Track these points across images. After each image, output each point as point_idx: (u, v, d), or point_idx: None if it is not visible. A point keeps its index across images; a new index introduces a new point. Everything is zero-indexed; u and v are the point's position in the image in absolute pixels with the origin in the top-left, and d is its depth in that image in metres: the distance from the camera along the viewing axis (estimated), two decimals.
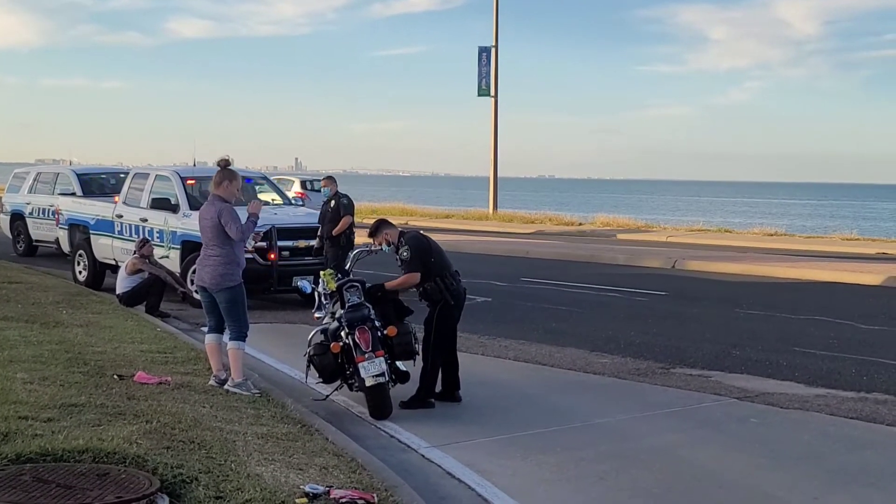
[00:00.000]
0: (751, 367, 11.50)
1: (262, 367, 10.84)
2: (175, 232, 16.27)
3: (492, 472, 7.42)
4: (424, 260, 9.48)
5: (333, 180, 16.37)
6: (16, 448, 6.34)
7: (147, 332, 12.02)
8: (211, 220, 9.24)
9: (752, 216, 71.66)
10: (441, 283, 9.48)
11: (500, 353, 12.20)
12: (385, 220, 10.12)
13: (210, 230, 9.27)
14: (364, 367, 8.86)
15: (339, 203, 15.68)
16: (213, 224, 9.22)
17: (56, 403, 7.74)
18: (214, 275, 9.27)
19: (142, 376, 9.08)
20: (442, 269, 9.56)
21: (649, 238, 32.64)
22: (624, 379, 10.88)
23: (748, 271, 22.29)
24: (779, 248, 29.21)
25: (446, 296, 9.50)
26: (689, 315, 15.72)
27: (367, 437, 8.32)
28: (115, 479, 5.91)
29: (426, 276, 9.47)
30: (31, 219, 23.84)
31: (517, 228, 36.77)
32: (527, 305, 16.40)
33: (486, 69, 44.24)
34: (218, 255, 9.26)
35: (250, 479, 6.19)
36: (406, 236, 9.70)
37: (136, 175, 18.26)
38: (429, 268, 9.48)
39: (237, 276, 9.33)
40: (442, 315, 9.54)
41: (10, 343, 10.44)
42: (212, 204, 9.34)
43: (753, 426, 8.96)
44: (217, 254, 9.27)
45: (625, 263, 24.14)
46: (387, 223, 9.96)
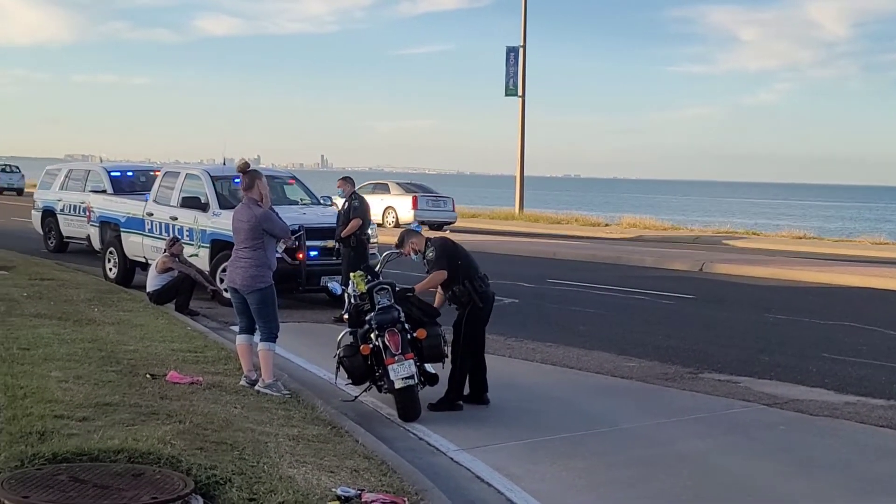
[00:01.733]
0: (780, 373, 11.47)
1: (291, 368, 10.90)
2: (205, 230, 16.38)
3: (520, 476, 7.45)
4: (451, 260, 9.55)
5: (348, 181, 16.00)
6: (52, 447, 6.43)
7: (177, 331, 12.11)
8: (247, 223, 9.31)
9: (780, 218, 71.33)
10: (469, 285, 9.53)
11: (528, 355, 12.23)
12: (410, 229, 10.19)
13: (244, 232, 9.34)
14: (393, 369, 8.91)
15: (351, 205, 15.50)
16: (248, 227, 9.29)
17: (90, 402, 7.83)
18: (245, 276, 9.34)
19: (174, 376, 9.17)
20: (470, 272, 9.61)
21: (676, 240, 32.53)
22: (651, 383, 10.88)
23: (776, 275, 22.19)
24: (807, 251, 29.09)
25: (475, 298, 9.55)
26: (716, 319, 15.69)
27: (396, 439, 8.37)
28: (149, 479, 5.98)
29: (454, 279, 9.52)
30: (63, 215, 24.03)
31: (544, 229, 36.73)
32: (554, 307, 16.41)
33: (514, 69, 44.22)
34: (249, 256, 9.34)
35: (283, 481, 6.25)
36: (432, 240, 9.82)
37: (166, 173, 18.39)
38: (456, 270, 9.53)
39: (268, 277, 9.40)
40: (471, 318, 9.57)
41: (44, 341, 10.55)
42: (247, 207, 9.40)
43: (782, 433, 8.95)
44: (249, 255, 9.34)
45: (652, 266, 24.09)
46: (412, 232, 10.05)
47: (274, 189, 17.75)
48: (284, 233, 9.62)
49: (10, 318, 11.98)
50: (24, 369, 9.00)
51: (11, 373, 8.82)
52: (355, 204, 15.48)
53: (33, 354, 9.77)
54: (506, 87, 44.57)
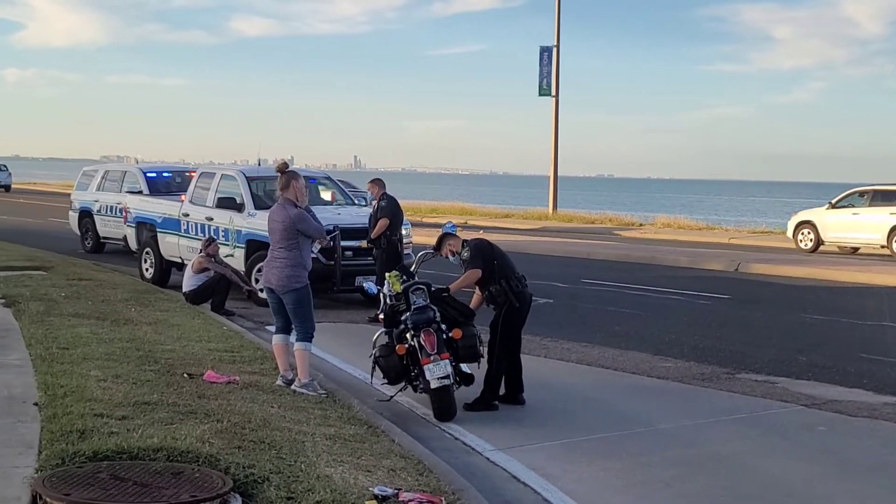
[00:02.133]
0: (817, 373, 11.39)
1: (326, 368, 10.94)
2: (240, 231, 16.47)
3: (557, 476, 7.44)
4: (486, 260, 9.56)
5: (376, 184, 15.84)
6: (93, 446, 6.48)
7: (214, 331, 12.18)
8: (282, 224, 9.35)
9: None
10: (506, 285, 9.53)
11: (563, 355, 12.20)
12: (447, 231, 10.18)
13: (279, 232, 9.39)
14: (429, 369, 8.92)
15: (379, 206, 15.45)
16: (283, 227, 9.34)
17: (130, 401, 7.89)
18: (281, 276, 9.38)
19: (211, 375, 9.22)
20: (506, 272, 9.61)
21: (711, 240, 32.35)
22: (688, 384, 10.83)
23: (813, 275, 22.02)
24: None
25: (511, 298, 9.55)
26: (753, 319, 15.59)
27: (432, 438, 8.38)
28: (189, 477, 6.02)
29: (490, 279, 9.53)
30: (99, 216, 24.24)
31: (578, 229, 36.64)
32: (589, 307, 16.38)
33: (548, 69, 44.13)
34: (285, 257, 9.38)
35: (320, 480, 6.27)
36: (469, 242, 9.85)
37: (202, 174, 18.51)
38: (492, 270, 9.54)
39: (303, 277, 9.43)
40: (507, 318, 9.57)
41: (83, 340, 10.65)
42: (283, 208, 9.44)
43: (821, 434, 8.89)
44: (284, 256, 9.38)
45: (687, 266, 23.98)
46: (449, 234, 10.06)
47: (309, 190, 17.83)
48: (319, 233, 9.66)
49: (49, 318, 12.09)
50: (64, 368, 9.08)
51: (51, 372, 8.90)
52: (382, 204, 15.46)
53: (72, 354, 9.86)
54: (539, 87, 44.49)
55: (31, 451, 6.50)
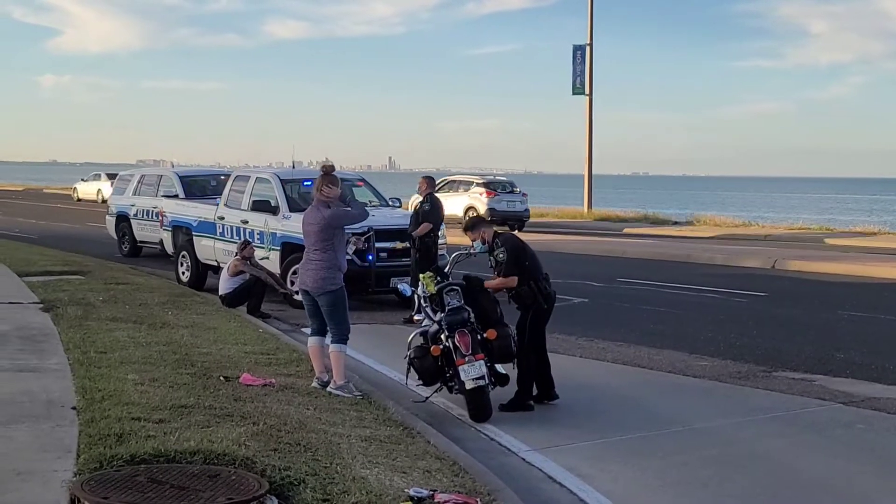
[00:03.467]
0: (856, 370, 11.29)
1: (362, 369, 10.96)
2: (275, 233, 16.54)
3: (593, 476, 7.42)
4: (520, 262, 9.50)
5: (426, 181, 15.90)
6: (130, 449, 6.54)
7: (250, 334, 12.24)
8: (317, 225, 9.39)
9: (853, 213, 70.15)
10: (535, 286, 9.49)
11: (599, 355, 12.16)
12: (482, 217, 10.18)
13: (314, 235, 9.43)
14: (464, 370, 8.92)
15: (422, 208, 15.45)
16: (318, 229, 9.38)
17: (167, 405, 7.94)
18: (316, 278, 9.42)
19: (247, 378, 9.26)
20: (536, 273, 9.58)
21: (747, 237, 32.12)
22: (724, 382, 10.77)
23: (850, 272, 21.82)
24: (882, 247, 28.58)
25: (539, 300, 9.51)
26: (789, 317, 15.48)
27: (467, 439, 8.38)
28: (225, 480, 6.06)
29: (520, 280, 9.49)
30: (136, 220, 24.40)
31: (612, 227, 36.52)
32: (624, 306, 16.31)
33: (581, 67, 44.02)
34: (320, 259, 9.41)
35: (356, 481, 6.29)
36: (502, 237, 9.74)
37: (237, 177, 18.60)
38: (523, 271, 9.49)
39: (339, 279, 9.46)
40: (535, 319, 9.55)
41: (120, 344, 10.74)
42: (317, 209, 9.48)
43: (860, 432, 8.81)
44: (319, 258, 9.42)
45: (722, 263, 23.84)
46: (484, 221, 10.00)
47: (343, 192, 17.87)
48: (362, 216, 9.81)
49: (86, 322, 12.20)
50: (102, 372, 9.16)
51: (89, 376, 8.98)
52: (426, 207, 15.38)
53: (110, 358, 9.94)
54: (573, 85, 44.39)
55: (70, 455, 6.55)
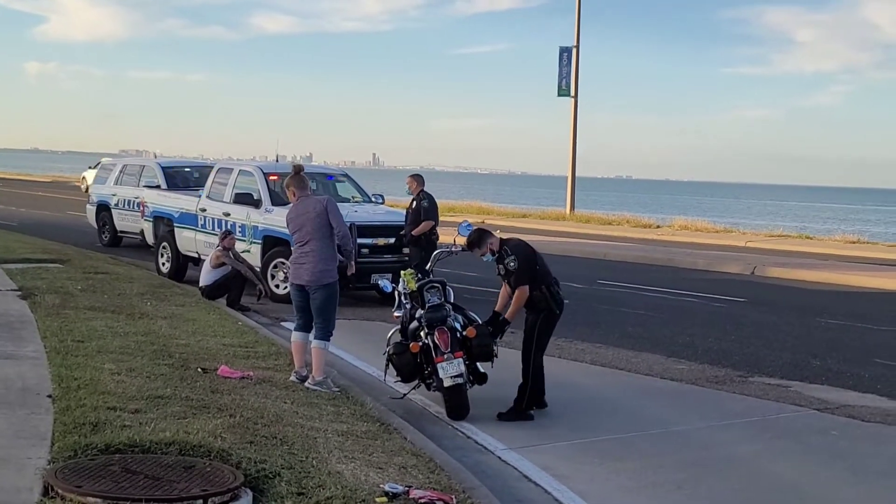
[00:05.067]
0: (831, 377, 11.35)
1: (340, 364, 10.96)
2: (257, 227, 16.51)
3: (569, 476, 7.45)
4: (531, 268, 9.23)
5: (416, 179, 16.16)
6: (105, 438, 6.52)
7: (229, 326, 12.22)
8: (315, 213, 9.35)
9: (834, 222, 70.52)
10: (547, 291, 9.16)
11: (577, 356, 12.19)
12: (484, 229, 9.75)
13: (313, 222, 9.36)
14: (443, 367, 8.93)
15: (420, 206, 15.67)
16: (317, 215, 9.34)
17: (143, 395, 7.93)
18: (314, 271, 9.33)
19: (225, 370, 9.25)
20: (547, 277, 9.28)
21: (728, 242, 32.22)
22: (702, 386, 10.82)
23: (829, 279, 21.92)
24: (861, 255, 28.69)
25: (552, 305, 9.19)
26: (767, 323, 15.54)
27: (444, 437, 8.39)
28: (200, 471, 6.05)
29: (531, 285, 9.19)
30: (117, 210, 24.32)
31: (594, 230, 36.58)
32: (604, 308, 16.35)
33: (567, 69, 44.02)
34: (317, 249, 9.34)
35: (331, 476, 6.29)
36: (510, 244, 9.41)
37: (219, 170, 18.56)
38: (534, 276, 9.20)
39: (335, 272, 9.42)
40: (545, 324, 9.27)
41: (98, 334, 10.70)
42: (308, 200, 9.48)
43: (834, 439, 8.87)
44: (315, 248, 9.34)
45: (703, 268, 23.90)
46: (487, 232, 9.62)
47: (326, 187, 17.90)
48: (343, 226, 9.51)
49: (64, 311, 12.15)
50: (78, 361, 9.13)
51: (66, 364, 8.95)
52: (424, 205, 15.61)
53: (87, 347, 9.90)
54: (558, 87, 44.37)
55: (45, 443, 6.53)
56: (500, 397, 9.29)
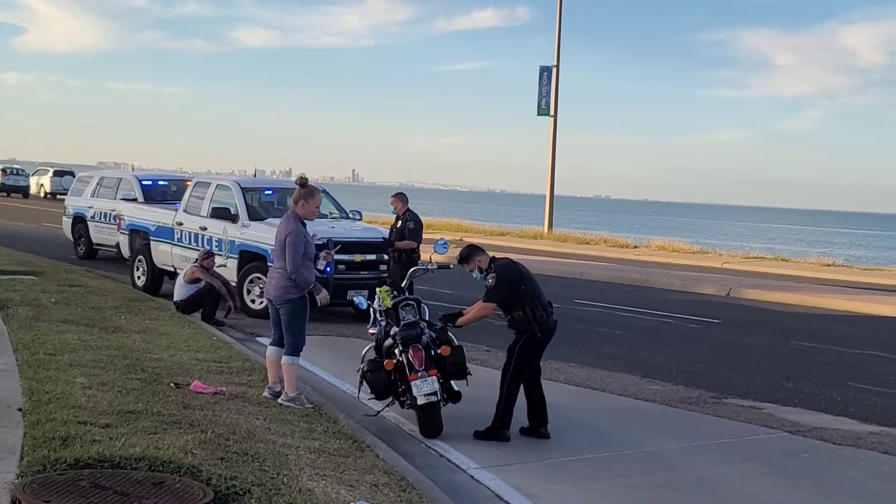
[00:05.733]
0: (804, 400, 11.41)
1: (314, 381, 10.93)
2: (233, 241, 16.47)
3: (540, 496, 7.45)
4: (512, 288, 9.15)
5: (401, 198, 16.28)
6: (74, 453, 6.47)
7: (203, 341, 12.17)
8: (282, 235, 9.35)
9: (810, 245, 70.98)
10: (530, 313, 9.10)
11: (552, 375, 12.14)
12: (476, 246, 9.70)
13: (279, 244, 9.38)
14: (416, 385, 8.92)
15: (405, 226, 15.75)
16: (282, 239, 9.33)
17: (114, 409, 7.88)
18: (278, 287, 9.37)
19: (197, 385, 9.21)
20: (532, 299, 9.18)
21: (705, 264, 32.35)
22: (675, 407, 10.84)
23: (804, 302, 22.05)
24: (836, 279, 28.86)
25: (534, 327, 9.12)
26: (742, 344, 15.61)
27: (417, 455, 8.37)
28: (170, 488, 6.01)
29: (515, 305, 9.14)
30: (93, 222, 24.21)
31: (572, 249, 36.66)
32: (579, 328, 16.36)
33: (547, 88, 44.19)
34: (283, 268, 9.35)
35: (302, 493, 6.27)
36: (497, 263, 9.36)
37: (197, 184, 18.52)
38: (518, 296, 9.13)
39: (299, 290, 9.42)
40: (526, 346, 9.18)
41: (70, 347, 10.63)
42: (289, 220, 9.44)
43: (805, 461, 8.90)
44: (282, 267, 9.36)
45: (679, 289, 24.00)
46: (478, 249, 9.55)
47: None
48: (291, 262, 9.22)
49: (37, 324, 12.07)
50: (50, 374, 9.07)
51: (37, 378, 8.89)
52: (410, 226, 15.79)
53: (59, 360, 9.84)
54: (538, 106, 44.52)
55: (14, 457, 6.48)
56: (474, 415, 9.28)
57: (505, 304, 9.27)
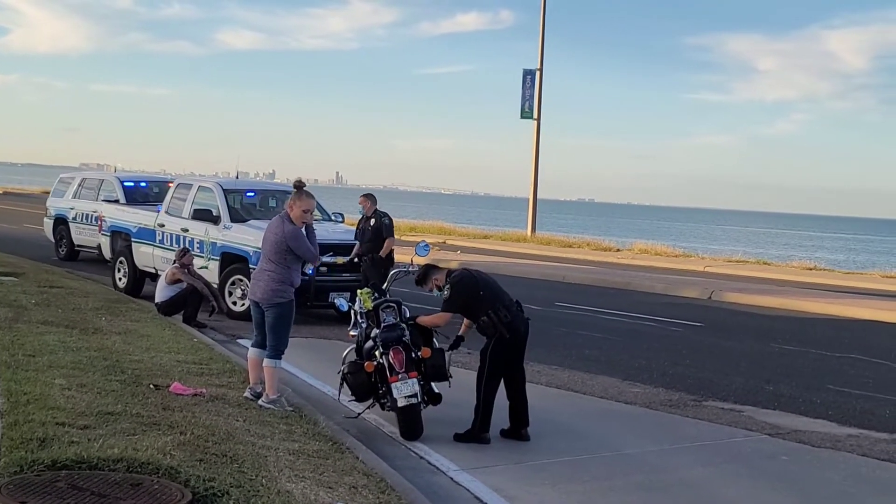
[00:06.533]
0: (783, 403, 11.45)
1: (295, 382, 10.92)
2: (215, 243, 16.44)
3: (520, 498, 7.45)
4: (470, 297, 9.20)
5: (370, 199, 16.44)
6: (52, 454, 6.45)
7: (184, 343, 12.14)
8: (275, 236, 9.31)
9: (792, 248, 71.25)
10: (494, 316, 9.10)
11: (533, 377, 12.11)
12: (431, 265, 9.82)
13: (271, 245, 9.34)
14: (397, 387, 8.92)
15: (381, 224, 15.86)
16: (275, 240, 9.30)
17: (93, 411, 7.85)
18: (266, 290, 9.34)
19: (177, 387, 9.18)
20: (494, 302, 9.19)
21: (687, 267, 32.44)
22: (656, 409, 10.87)
23: (785, 305, 22.14)
24: (817, 282, 28.99)
25: (501, 329, 9.11)
26: (723, 347, 15.66)
27: (397, 457, 8.36)
28: (147, 489, 5.99)
29: (478, 312, 9.18)
30: (75, 224, 24.15)
31: (555, 252, 36.70)
32: (561, 331, 16.39)
33: (531, 92, 44.24)
34: (273, 270, 9.32)
35: (280, 495, 6.25)
36: (452, 277, 9.43)
37: (179, 185, 18.48)
38: (479, 302, 9.16)
39: (288, 294, 9.38)
40: (496, 349, 9.17)
41: (49, 348, 10.59)
42: (281, 221, 9.40)
43: (784, 464, 8.93)
44: (272, 269, 9.33)
45: (661, 292, 24.04)
46: (434, 268, 9.69)
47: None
48: (310, 256, 9.56)
49: (17, 325, 12.02)
50: (28, 375, 9.03)
51: (15, 379, 8.85)
52: (385, 222, 15.92)
53: (38, 361, 9.80)
54: (521, 109, 44.57)
55: None
56: (454, 418, 9.29)
57: (468, 312, 9.34)
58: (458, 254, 30.97)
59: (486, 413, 9.13)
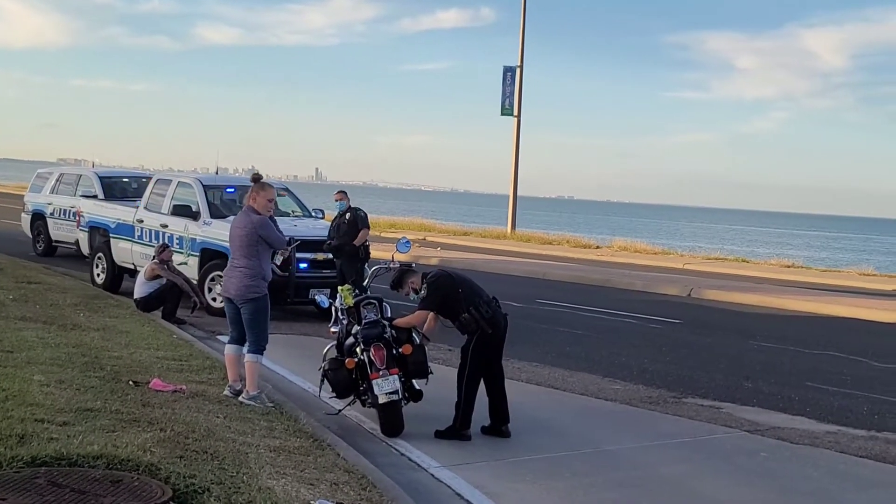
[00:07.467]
0: (762, 400, 11.51)
1: (276, 379, 10.89)
2: (195, 239, 16.38)
3: (500, 494, 7.46)
4: (447, 297, 9.23)
5: (346, 194, 16.58)
6: (31, 451, 6.41)
7: (163, 339, 12.09)
8: (243, 230, 9.28)
9: (770, 246, 71.57)
10: (475, 312, 9.14)
11: (513, 374, 12.18)
12: (406, 269, 9.82)
13: (240, 239, 9.31)
14: (378, 384, 8.91)
15: (356, 216, 15.91)
16: (244, 234, 9.26)
17: (72, 407, 7.81)
18: (240, 286, 9.31)
19: (157, 383, 9.15)
20: (474, 298, 9.24)
21: (666, 264, 32.55)
22: (636, 406, 10.90)
23: (764, 303, 22.25)
24: (795, 280, 29.15)
25: (482, 325, 9.15)
26: (702, 344, 15.72)
27: (378, 454, 8.36)
28: (128, 486, 5.96)
29: (457, 310, 9.20)
30: (52, 219, 24.01)
31: (534, 249, 36.75)
32: (541, 328, 16.41)
33: (511, 88, 44.25)
34: (245, 265, 9.29)
35: (261, 492, 6.23)
36: (429, 279, 9.44)
37: (158, 181, 18.40)
38: (457, 301, 9.19)
39: (262, 288, 9.36)
40: (479, 345, 9.19)
41: (28, 344, 10.53)
42: (246, 214, 9.38)
43: (763, 460, 8.97)
44: (243, 265, 9.30)
45: (641, 289, 24.11)
46: (409, 272, 9.70)
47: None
48: (280, 243, 9.56)
49: None
50: (7, 372, 8.96)
51: None
52: (361, 214, 16.02)
53: (16, 357, 9.74)
54: (501, 106, 44.57)
55: None
56: (435, 415, 9.29)
57: (448, 311, 9.34)
58: (439, 250, 31.00)
59: (468, 410, 9.13)
